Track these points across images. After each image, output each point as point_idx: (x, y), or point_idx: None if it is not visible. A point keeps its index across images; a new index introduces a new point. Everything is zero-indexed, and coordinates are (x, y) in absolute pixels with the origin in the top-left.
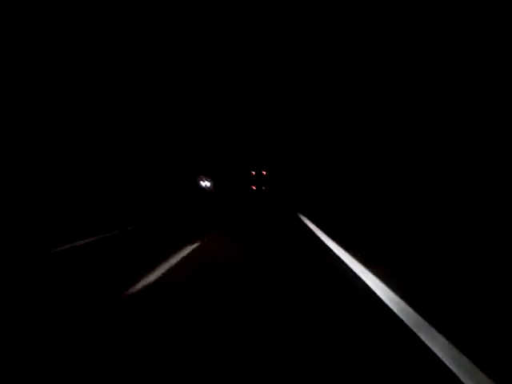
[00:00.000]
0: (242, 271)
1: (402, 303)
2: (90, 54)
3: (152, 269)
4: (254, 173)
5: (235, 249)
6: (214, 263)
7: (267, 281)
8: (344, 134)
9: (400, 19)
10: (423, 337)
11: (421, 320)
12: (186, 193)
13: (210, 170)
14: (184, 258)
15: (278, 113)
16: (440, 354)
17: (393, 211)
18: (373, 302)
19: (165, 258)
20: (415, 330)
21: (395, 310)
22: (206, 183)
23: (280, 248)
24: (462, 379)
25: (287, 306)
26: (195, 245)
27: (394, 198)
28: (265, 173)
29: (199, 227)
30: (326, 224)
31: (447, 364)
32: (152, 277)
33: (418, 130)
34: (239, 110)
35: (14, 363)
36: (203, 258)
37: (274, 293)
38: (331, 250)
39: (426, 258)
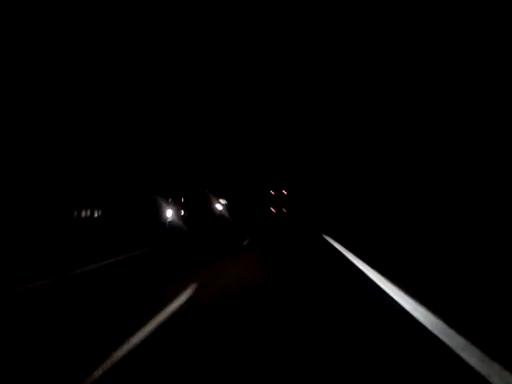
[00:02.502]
0: None
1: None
2: (89, 57)
3: None
4: (273, 192)
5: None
6: None
7: None
8: (370, 150)
9: (400, 19)
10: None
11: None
12: (198, 214)
13: (225, 191)
14: None
15: (299, 127)
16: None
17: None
18: None
19: None
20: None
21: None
22: (218, 206)
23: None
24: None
25: None
26: None
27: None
28: (285, 192)
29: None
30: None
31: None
32: None
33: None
34: (257, 124)
35: None
36: None
37: None
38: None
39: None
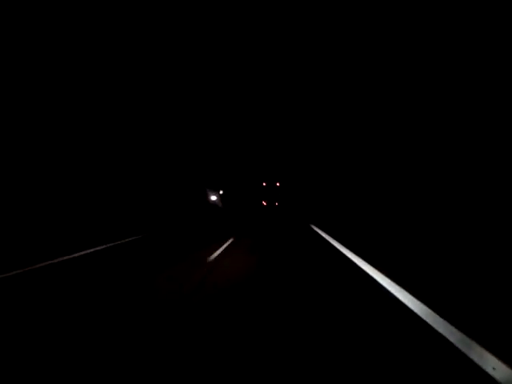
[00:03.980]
0: None
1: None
2: (92, 58)
3: None
4: (265, 184)
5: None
6: None
7: None
8: (360, 145)
9: (400, 19)
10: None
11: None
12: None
13: (218, 182)
14: None
15: (293, 118)
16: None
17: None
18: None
19: None
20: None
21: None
22: (213, 197)
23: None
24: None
25: None
26: None
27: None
28: (278, 184)
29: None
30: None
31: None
32: None
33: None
34: (251, 116)
35: None
36: None
37: None
38: None
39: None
